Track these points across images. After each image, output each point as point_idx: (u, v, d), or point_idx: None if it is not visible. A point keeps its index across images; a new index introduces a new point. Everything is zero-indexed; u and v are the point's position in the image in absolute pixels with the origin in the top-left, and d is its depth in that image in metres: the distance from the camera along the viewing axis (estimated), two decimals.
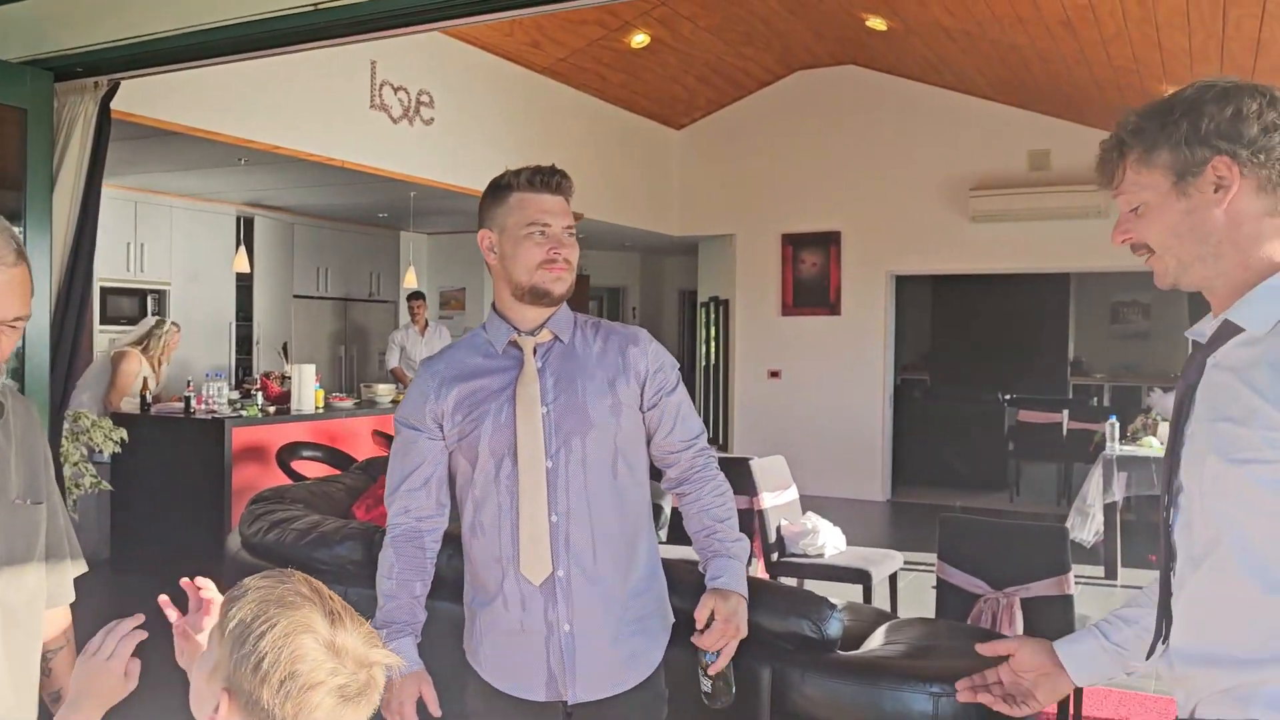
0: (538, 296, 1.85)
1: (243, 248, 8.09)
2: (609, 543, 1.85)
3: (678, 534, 4.13)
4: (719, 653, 1.86)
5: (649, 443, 1.95)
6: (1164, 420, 6.56)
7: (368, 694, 1.10)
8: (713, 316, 10.47)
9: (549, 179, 1.86)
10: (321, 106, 6.25)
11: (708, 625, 1.85)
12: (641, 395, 1.91)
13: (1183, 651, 1.32)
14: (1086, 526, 6.06)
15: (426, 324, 8.81)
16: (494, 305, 1.94)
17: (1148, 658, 1.46)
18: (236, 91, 5.59)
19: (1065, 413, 8.85)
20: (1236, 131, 1.25)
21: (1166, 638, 1.35)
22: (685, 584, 2.05)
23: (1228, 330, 1.28)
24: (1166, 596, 1.35)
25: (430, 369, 1.95)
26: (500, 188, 1.89)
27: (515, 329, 1.89)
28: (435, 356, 1.98)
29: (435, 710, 1.86)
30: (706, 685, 1.87)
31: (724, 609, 1.85)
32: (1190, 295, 1.50)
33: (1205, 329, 1.34)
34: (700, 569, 1.95)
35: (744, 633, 1.87)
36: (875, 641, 2.63)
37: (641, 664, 1.88)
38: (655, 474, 2.02)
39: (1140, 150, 1.31)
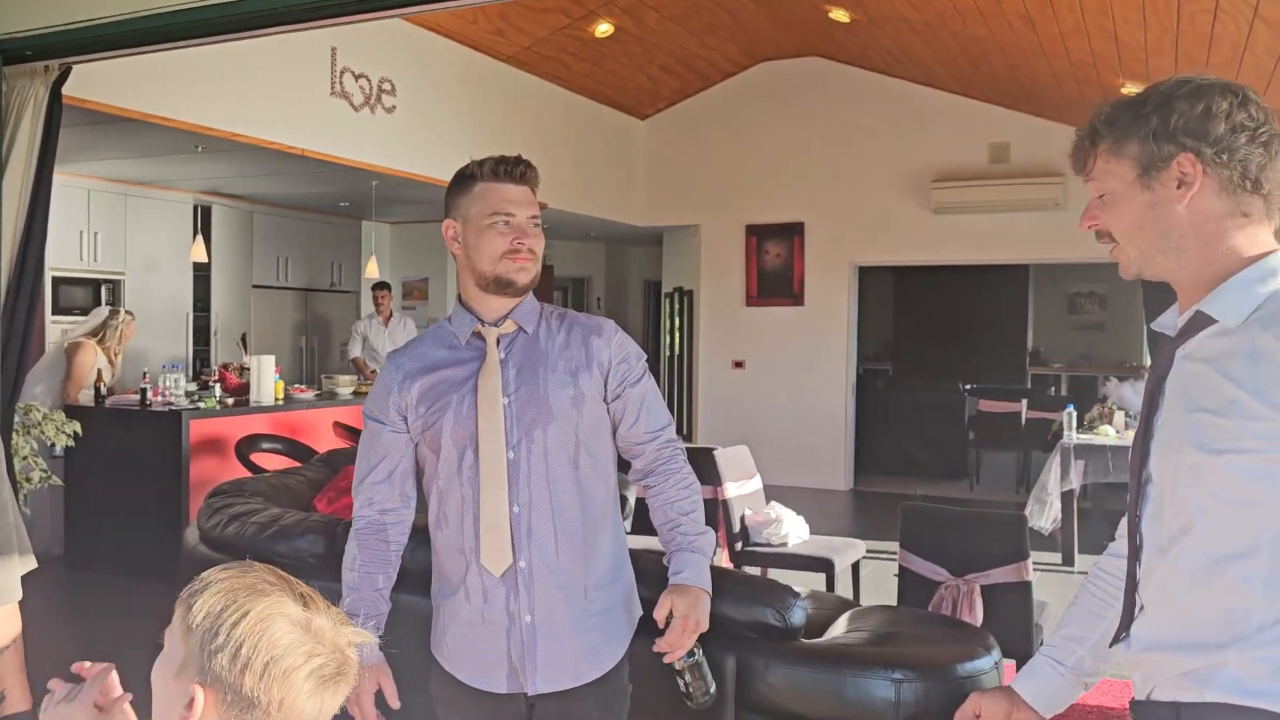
0: (501, 286, 1.85)
1: (200, 237, 7.96)
2: (571, 534, 1.84)
3: (643, 524, 4.14)
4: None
5: (614, 434, 1.94)
6: (1120, 409, 6.66)
7: (345, 675, 1.10)
8: (677, 307, 10.48)
9: (513, 169, 1.85)
10: (280, 93, 6.16)
11: (668, 624, 1.84)
12: (605, 386, 1.89)
13: (1146, 638, 1.34)
14: (1045, 514, 6.14)
15: (391, 314, 8.75)
16: (459, 296, 1.94)
17: (1112, 645, 1.47)
18: (193, 77, 5.49)
19: (1024, 402, 8.97)
20: (1204, 129, 1.26)
21: (1129, 625, 1.37)
22: (651, 574, 2.05)
23: (1199, 322, 1.29)
24: (1132, 586, 1.37)
25: (394, 362, 1.94)
26: (464, 177, 1.88)
27: (479, 320, 1.89)
28: (400, 350, 1.98)
29: (394, 702, 1.85)
30: (681, 685, 1.85)
31: (681, 605, 1.83)
32: (1145, 287, 1.52)
33: (1173, 321, 1.36)
34: (664, 562, 1.94)
35: (704, 627, 1.86)
36: (838, 629, 2.65)
37: (604, 657, 1.88)
38: (624, 465, 2.01)
39: (1111, 140, 1.33)
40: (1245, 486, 1.21)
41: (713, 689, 1.87)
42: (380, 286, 8.76)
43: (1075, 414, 6.58)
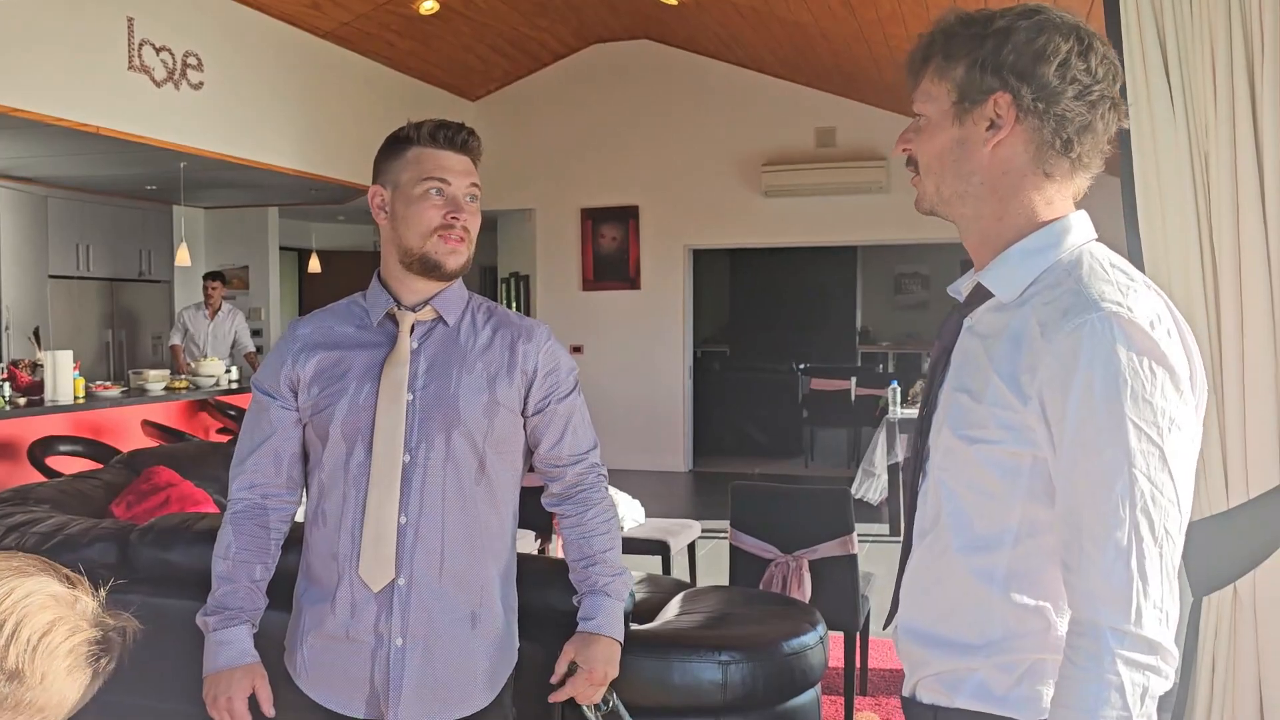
0: (428, 268, 1.69)
1: None
2: (458, 556, 1.68)
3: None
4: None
5: (533, 453, 1.80)
6: None
7: (106, 657, 1.06)
8: (514, 292, 10.33)
9: (454, 135, 1.70)
10: (71, 66, 5.67)
11: (568, 674, 1.73)
12: (526, 399, 1.74)
13: (905, 626, 1.27)
14: (873, 487, 6.36)
15: (220, 307, 8.28)
16: (379, 273, 1.77)
17: (884, 627, 1.44)
18: None
19: (854, 380, 9.28)
20: (1031, 70, 1.13)
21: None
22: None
23: (981, 292, 1.21)
24: (903, 564, 1.31)
25: (294, 331, 1.76)
26: (398, 140, 1.71)
27: (396, 301, 1.72)
28: (303, 318, 1.79)
29: (268, 709, 1.68)
30: None
31: (586, 657, 1.72)
32: (964, 267, 1.51)
33: (964, 287, 1.27)
34: (574, 601, 1.82)
35: (614, 674, 1.75)
36: (671, 612, 2.62)
37: (483, 688, 1.72)
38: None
39: (942, 59, 1.19)
40: (991, 479, 1.15)
41: None
42: (212, 276, 8.33)
43: (899, 390, 6.83)
